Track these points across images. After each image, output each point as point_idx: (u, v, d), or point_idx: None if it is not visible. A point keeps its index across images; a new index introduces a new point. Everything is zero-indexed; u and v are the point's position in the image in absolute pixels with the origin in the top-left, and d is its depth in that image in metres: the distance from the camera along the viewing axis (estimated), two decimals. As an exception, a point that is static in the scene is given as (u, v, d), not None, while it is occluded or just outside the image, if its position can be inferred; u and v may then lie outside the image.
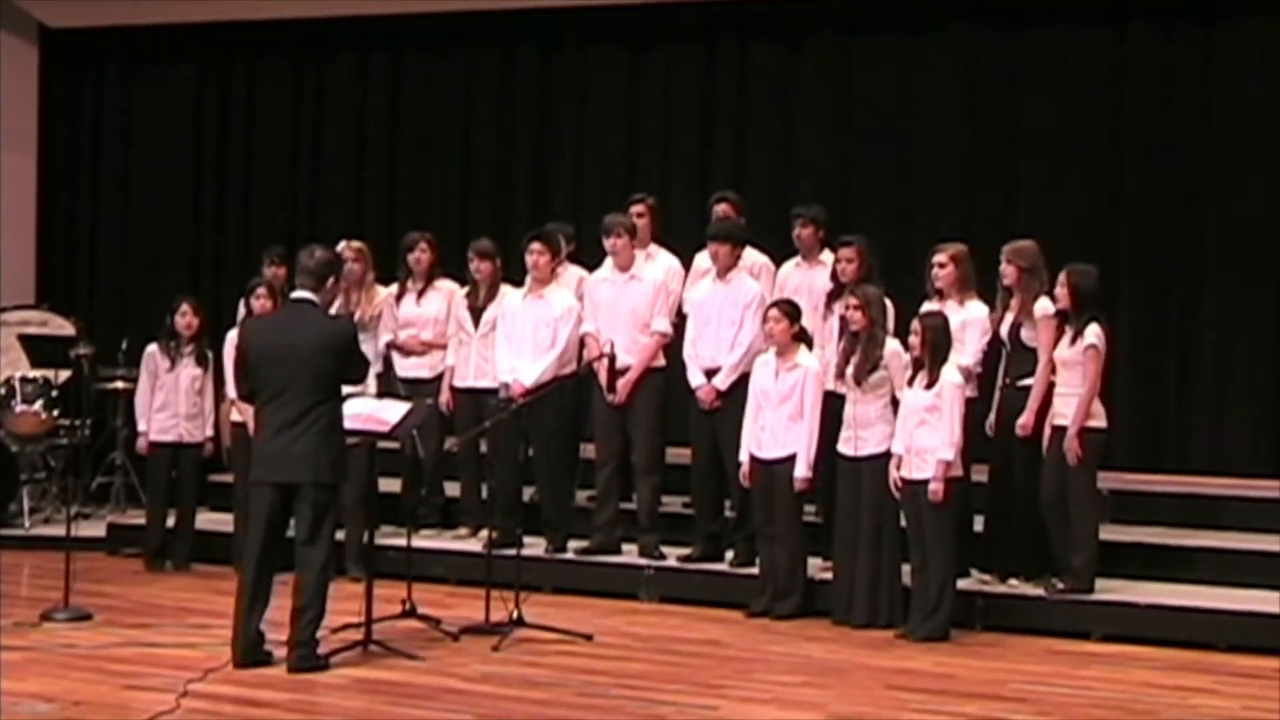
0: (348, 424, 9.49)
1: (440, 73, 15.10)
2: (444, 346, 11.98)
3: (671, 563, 11.23)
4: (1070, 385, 10.09)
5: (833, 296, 10.81)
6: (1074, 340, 10.10)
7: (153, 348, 12.23)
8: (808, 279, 11.22)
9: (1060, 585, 10.19)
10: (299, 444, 8.87)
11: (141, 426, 12.27)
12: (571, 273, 11.89)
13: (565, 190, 14.54)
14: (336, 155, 15.41)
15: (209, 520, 12.51)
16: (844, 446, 10.28)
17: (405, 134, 15.23)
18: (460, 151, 15.01)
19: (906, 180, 13.59)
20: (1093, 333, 10.06)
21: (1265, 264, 12.62)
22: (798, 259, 11.37)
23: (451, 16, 14.72)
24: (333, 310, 11.68)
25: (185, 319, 12.12)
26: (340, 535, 11.49)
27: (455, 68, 15.05)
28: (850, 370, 10.24)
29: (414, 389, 11.68)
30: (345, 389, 9.75)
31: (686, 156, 14.25)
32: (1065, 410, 10.09)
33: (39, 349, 13.27)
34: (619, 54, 14.53)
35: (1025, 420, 10.22)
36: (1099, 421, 10.13)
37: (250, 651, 8.96)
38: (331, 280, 9.28)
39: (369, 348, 11.68)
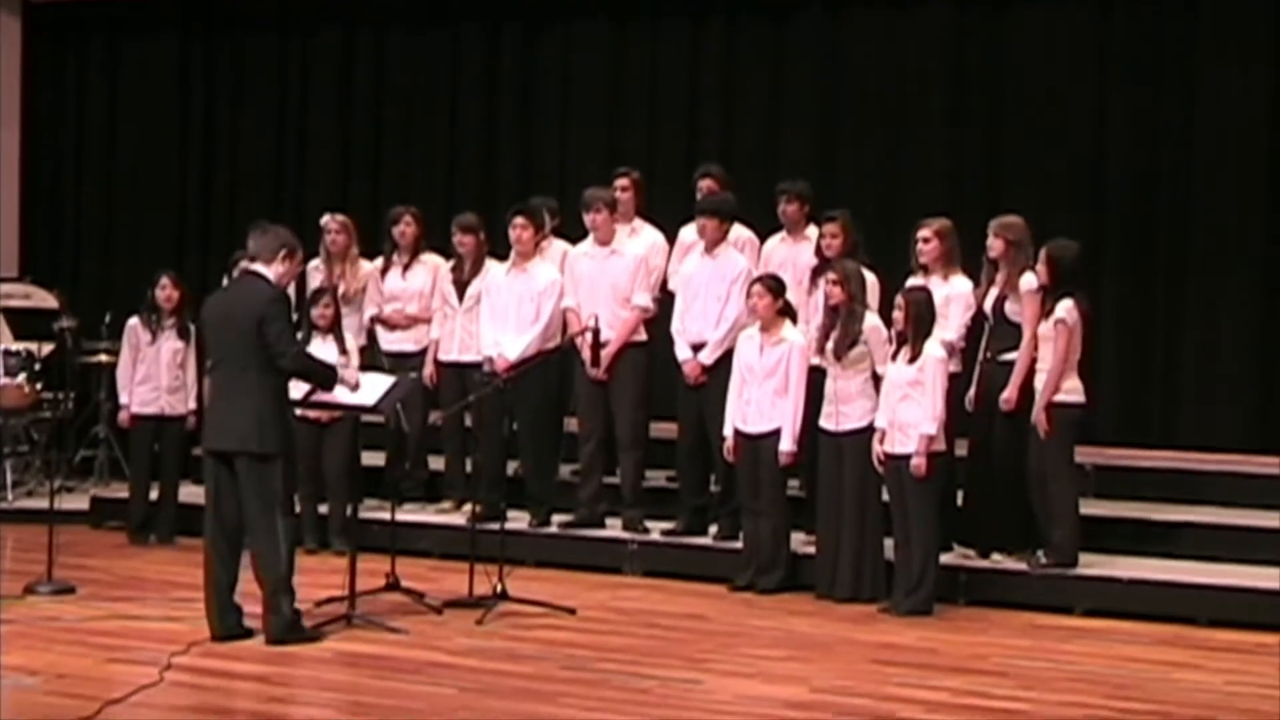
0: (331, 397, 9.52)
1: (425, 47, 15.06)
2: (428, 320, 11.97)
3: (655, 537, 11.25)
4: (1049, 360, 10.10)
5: (817, 272, 10.79)
6: (1049, 315, 10.10)
7: (134, 321, 12.23)
8: (792, 254, 11.22)
9: (1043, 560, 10.21)
10: (232, 412, 8.87)
11: (123, 399, 12.27)
12: (556, 247, 11.87)
13: (550, 164, 14.50)
14: (321, 129, 15.37)
15: (193, 493, 12.41)
16: (825, 422, 10.29)
17: (390, 108, 15.19)
18: (445, 126, 14.98)
19: (892, 155, 13.57)
20: (1063, 308, 10.05)
21: (1251, 240, 12.62)
22: (783, 234, 11.37)
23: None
24: (314, 284, 11.73)
25: (165, 292, 12.11)
26: (324, 509, 11.56)
27: (440, 42, 15.00)
28: (830, 345, 10.25)
29: (398, 363, 11.69)
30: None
31: (672, 131, 14.23)
32: (1045, 385, 10.13)
33: (22, 322, 13.24)
34: (604, 28, 14.51)
35: (1009, 394, 10.22)
36: (1076, 397, 10.13)
37: (226, 626, 8.96)
38: (285, 253, 9.10)
39: (353, 321, 11.72)
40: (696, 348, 10.97)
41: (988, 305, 10.45)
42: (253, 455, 8.85)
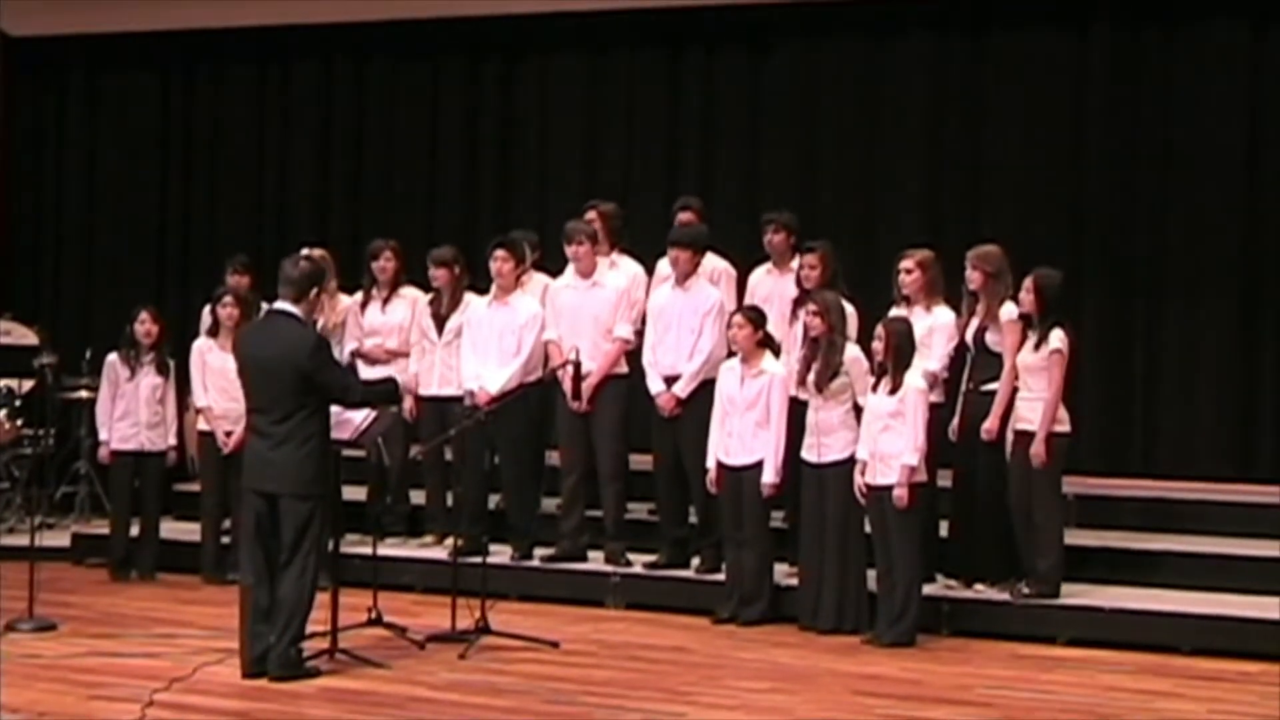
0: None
1: (404, 80, 15.07)
2: (407, 354, 11.95)
3: (638, 569, 11.23)
4: (1034, 390, 10.10)
5: (798, 303, 10.80)
6: (1038, 345, 10.11)
7: (113, 357, 12.19)
8: (779, 286, 11.21)
9: (1026, 589, 10.21)
10: (275, 454, 8.89)
11: (103, 435, 12.22)
12: (537, 280, 11.87)
13: (530, 197, 14.51)
14: (301, 163, 15.37)
15: (174, 529, 12.47)
16: (807, 453, 10.29)
17: (370, 141, 15.20)
18: (425, 159, 14.99)
19: (873, 186, 13.61)
20: (1057, 337, 10.08)
21: (1229, 268, 12.67)
22: (768, 265, 11.38)
23: (415, 24, 14.68)
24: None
25: (145, 327, 12.08)
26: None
27: (419, 75, 15.02)
28: (811, 377, 10.25)
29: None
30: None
31: (651, 163, 14.25)
32: (1028, 415, 10.11)
33: (2, 358, 13.22)
34: (583, 60, 14.53)
35: (990, 425, 10.23)
36: (1063, 426, 10.15)
37: (260, 663, 8.93)
38: (314, 293, 9.22)
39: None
40: (669, 380, 10.97)
41: (968, 336, 10.46)
42: (299, 496, 8.87)
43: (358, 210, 15.07)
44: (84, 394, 13.43)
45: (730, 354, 10.65)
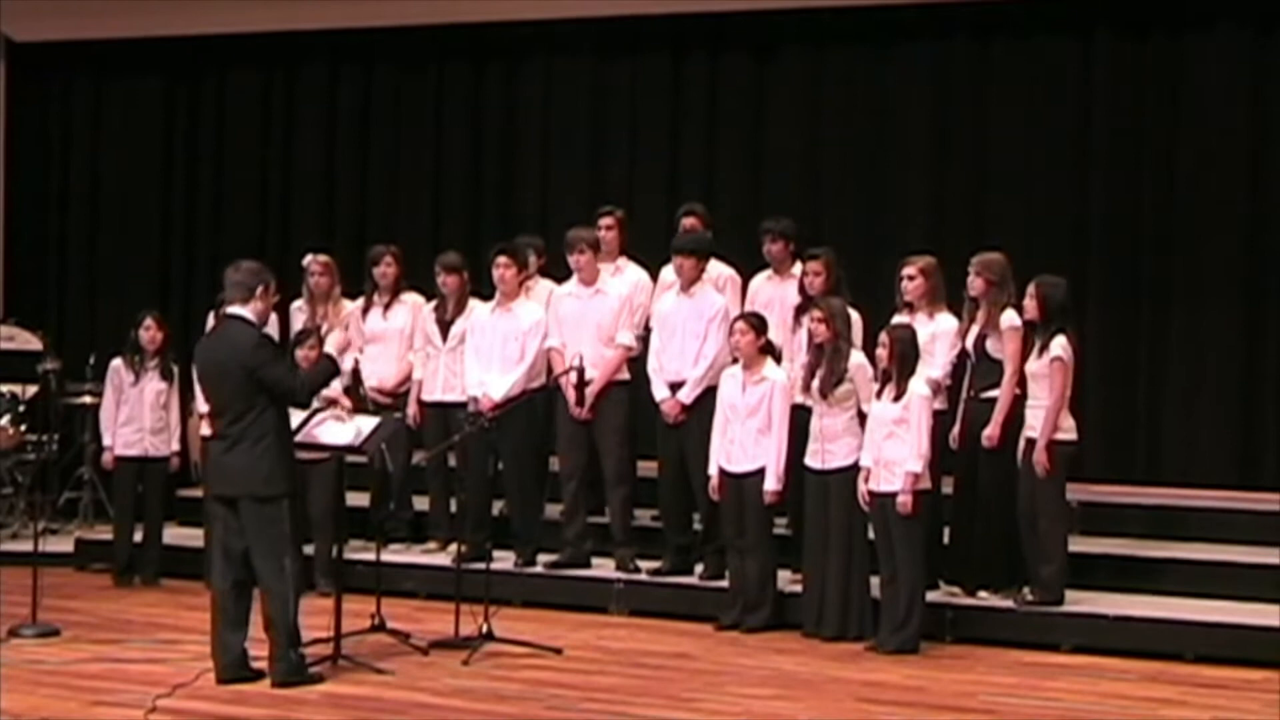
0: (313, 438, 9.50)
1: (409, 85, 15.07)
2: (405, 393, 11.93)
3: (641, 576, 11.22)
4: (1040, 397, 10.09)
5: (801, 309, 10.79)
6: (1041, 352, 10.10)
7: (117, 362, 12.20)
8: (779, 292, 11.20)
9: (1030, 597, 10.20)
10: (230, 457, 8.91)
11: (106, 441, 12.23)
12: (542, 286, 11.89)
13: (534, 203, 14.51)
14: (306, 168, 15.36)
15: (177, 535, 12.47)
16: (811, 460, 10.28)
17: (374, 147, 15.19)
18: (430, 164, 14.98)
19: (876, 192, 13.59)
20: (1059, 345, 10.07)
21: (1233, 276, 12.65)
22: (769, 272, 11.36)
23: (420, 29, 14.69)
24: (298, 324, 11.71)
25: (149, 333, 12.09)
26: (309, 549, 11.51)
27: (424, 81, 15.02)
28: (816, 383, 10.24)
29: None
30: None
31: (655, 169, 14.23)
32: (1036, 422, 10.09)
33: (6, 364, 13.22)
34: (587, 66, 14.52)
35: (991, 432, 10.22)
36: (1069, 434, 10.13)
37: (232, 669, 8.94)
38: (261, 289, 9.15)
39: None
40: (674, 386, 10.96)
41: (969, 343, 10.45)
42: (258, 498, 8.86)
43: (362, 216, 15.08)
44: (88, 399, 13.42)
45: (733, 360, 10.64)
